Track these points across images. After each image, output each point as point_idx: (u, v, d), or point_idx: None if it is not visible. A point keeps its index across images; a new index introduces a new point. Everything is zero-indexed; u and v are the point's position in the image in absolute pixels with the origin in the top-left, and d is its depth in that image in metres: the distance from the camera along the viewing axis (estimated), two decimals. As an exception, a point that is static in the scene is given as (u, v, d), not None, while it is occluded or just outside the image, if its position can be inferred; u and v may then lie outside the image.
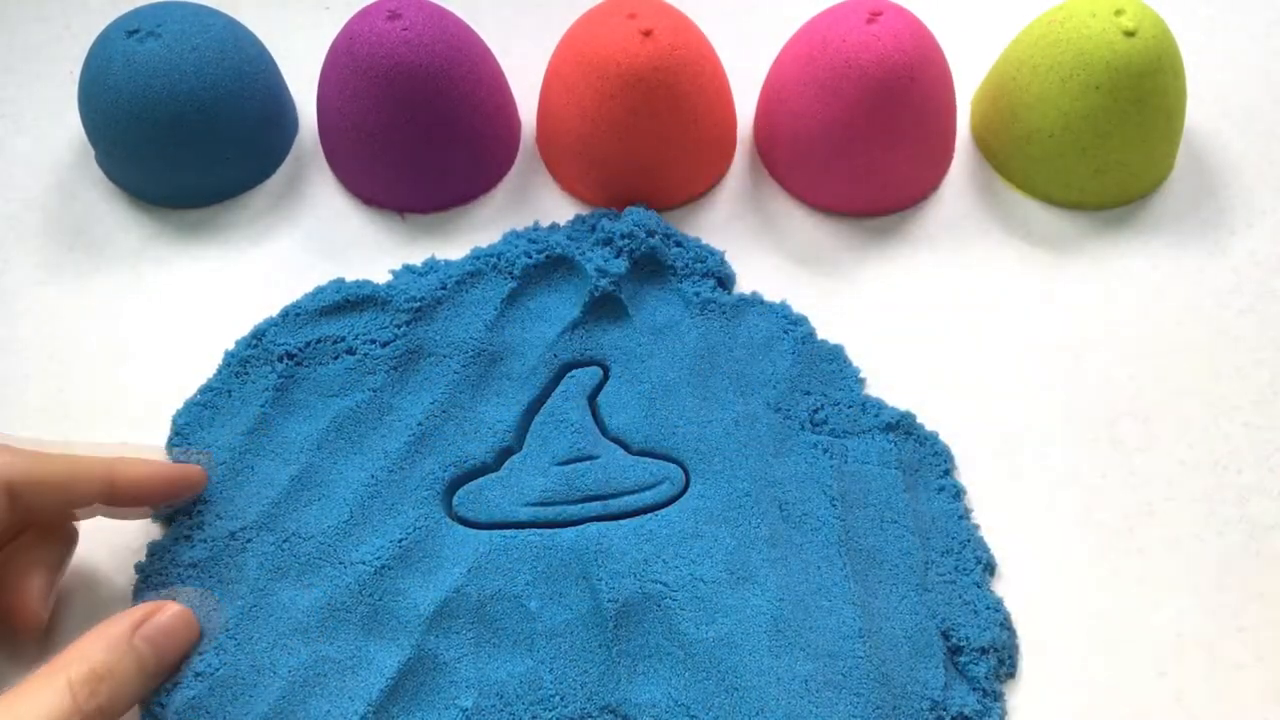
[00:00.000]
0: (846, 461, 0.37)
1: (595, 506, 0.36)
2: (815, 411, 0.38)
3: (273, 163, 0.45)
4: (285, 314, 0.40)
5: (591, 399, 0.38)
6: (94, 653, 0.30)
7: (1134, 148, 0.42)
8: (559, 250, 0.41)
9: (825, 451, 0.37)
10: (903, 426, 0.38)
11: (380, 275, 0.42)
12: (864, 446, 0.37)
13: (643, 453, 0.37)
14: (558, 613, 0.34)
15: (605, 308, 0.40)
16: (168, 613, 0.33)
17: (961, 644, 0.33)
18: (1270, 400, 0.39)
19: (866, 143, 0.41)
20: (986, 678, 0.33)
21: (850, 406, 0.38)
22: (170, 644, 0.33)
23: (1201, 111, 0.47)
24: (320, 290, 0.41)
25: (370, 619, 0.34)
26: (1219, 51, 0.49)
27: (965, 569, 0.35)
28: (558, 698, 0.32)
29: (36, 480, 0.32)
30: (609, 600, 0.33)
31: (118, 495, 0.34)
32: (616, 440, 0.37)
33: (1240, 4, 0.51)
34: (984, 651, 0.34)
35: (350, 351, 0.39)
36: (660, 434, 0.37)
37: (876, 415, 0.38)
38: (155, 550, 0.35)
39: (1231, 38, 0.50)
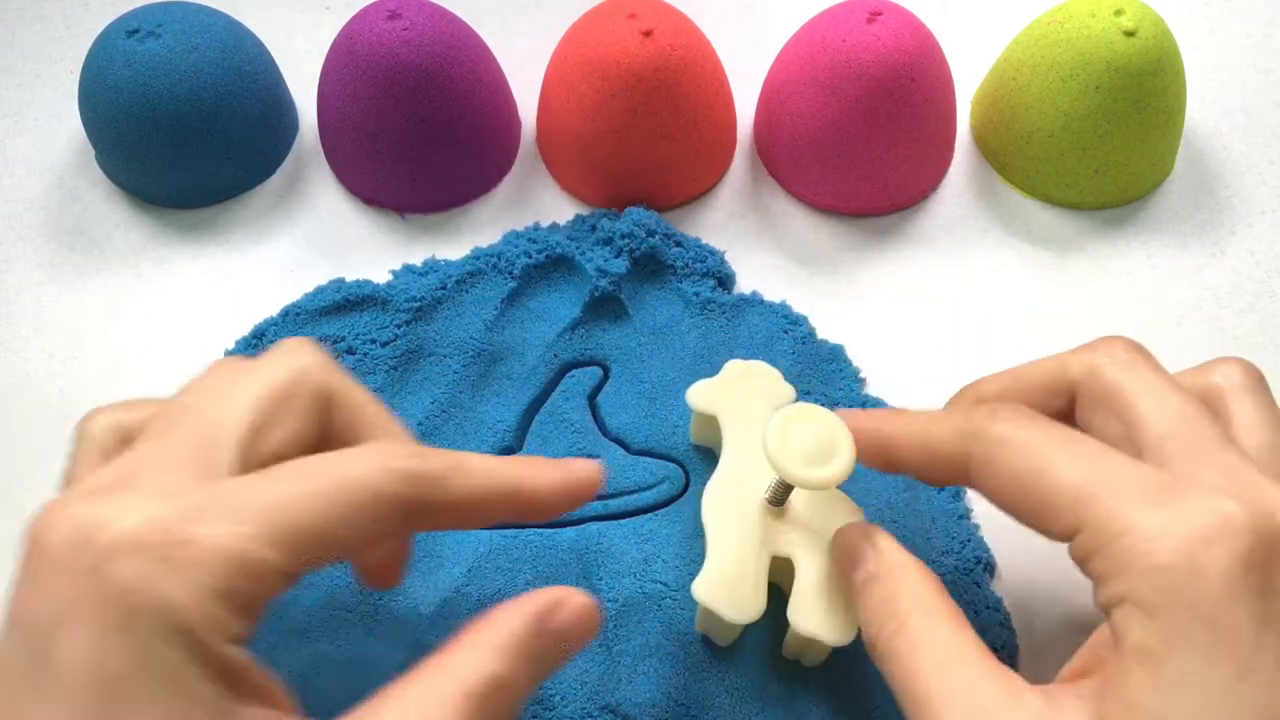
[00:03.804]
0: None
1: (595, 506, 0.36)
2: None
3: (273, 163, 0.45)
4: (285, 314, 0.40)
5: (592, 399, 0.38)
6: (495, 661, 0.24)
7: (1134, 148, 0.42)
8: (559, 250, 0.41)
9: None
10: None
11: (380, 275, 0.42)
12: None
13: (643, 452, 0.37)
14: (558, 613, 0.34)
15: (605, 307, 0.40)
16: (574, 609, 0.25)
17: (961, 644, 0.33)
18: (1270, 400, 0.39)
19: (866, 143, 0.41)
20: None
21: (851, 406, 0.38)
22: (574, 645, 0.26)
23: (1201, 111, 0.47)
24: (320, 290, 0.41)
25: (370, 619, 0.34)
26: (1219, 51, 0.49)
27: (965, 569, 0.35)
28: (558, 698, 0.32)
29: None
30: (609, 600, 0.33)
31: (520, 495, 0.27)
32: (617, 440, 0.37)
33: (1240, 4, 0.51)
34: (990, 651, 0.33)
35: (350, 351, 0.39)
36: (660, 434, 0.37)
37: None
38: (155, 550, 0.35)
39: (1231, 38, 0.50)
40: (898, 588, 0.27)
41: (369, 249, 0.43)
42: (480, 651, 0.24)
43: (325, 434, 0.27)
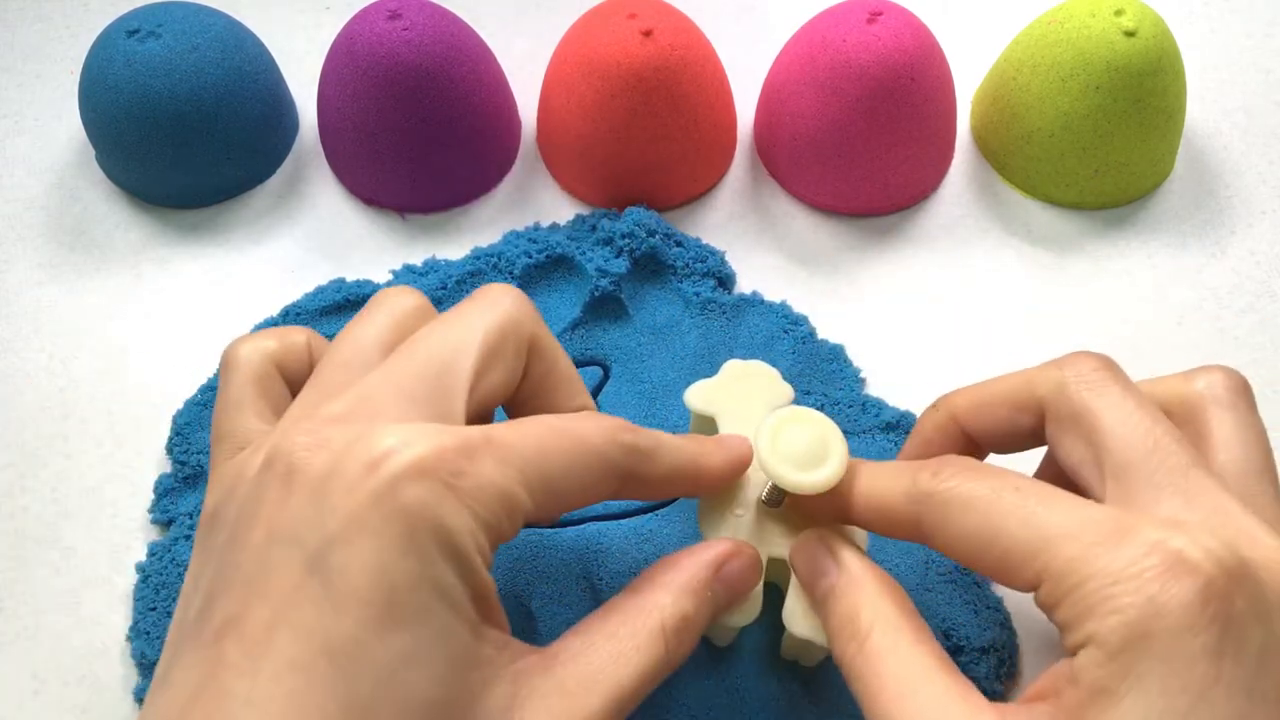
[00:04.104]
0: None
1: (595, 506, 0.36)
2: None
3: (273, 163, 0.45)
4: (285, 314, 0.40)
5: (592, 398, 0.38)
6: (685, 600, 0.27)
7: (1134, 148, 0.42)
8: (559, 250, 0.41)
9: None
10: (903, 426, 0.38)
11: (380, 275, 0.42)
12: (864, 446, 0.37)
13: (643, 452, 0.37)
14: (558, 613, 0.34)
15: (606, 307, 0.40)
16: (745, 560, 0.29)
17: (962, 644, 0.33)
18: (1270, 400, 0.39)
19: (866, 143, 0.41)
20: (987, 678, 0.33)
21: (851, 406, 0.38)
22: (740, 592, 0.29)
23: (1201, 111, 0.47)
24: (320, 290, 0.41)
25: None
26: (1219, 51, 0.49)
27: (965, 569, 0.35)
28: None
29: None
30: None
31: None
32: None
33: (1240, 4, 0.51)
34: (984, 651, 0.33)
35: (350, 351, 0.39)
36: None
37: (876, 415, 0.38)
38: (155, 550, 0.36)
39: (1231, 38, 0.50)
40: (859, 601, 0.27)
41: (369, 249, 0.43)
42: (673, 592, 0.27)
43: (523, 380, 0.28)
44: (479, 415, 0.27)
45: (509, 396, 0.29)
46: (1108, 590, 0.22)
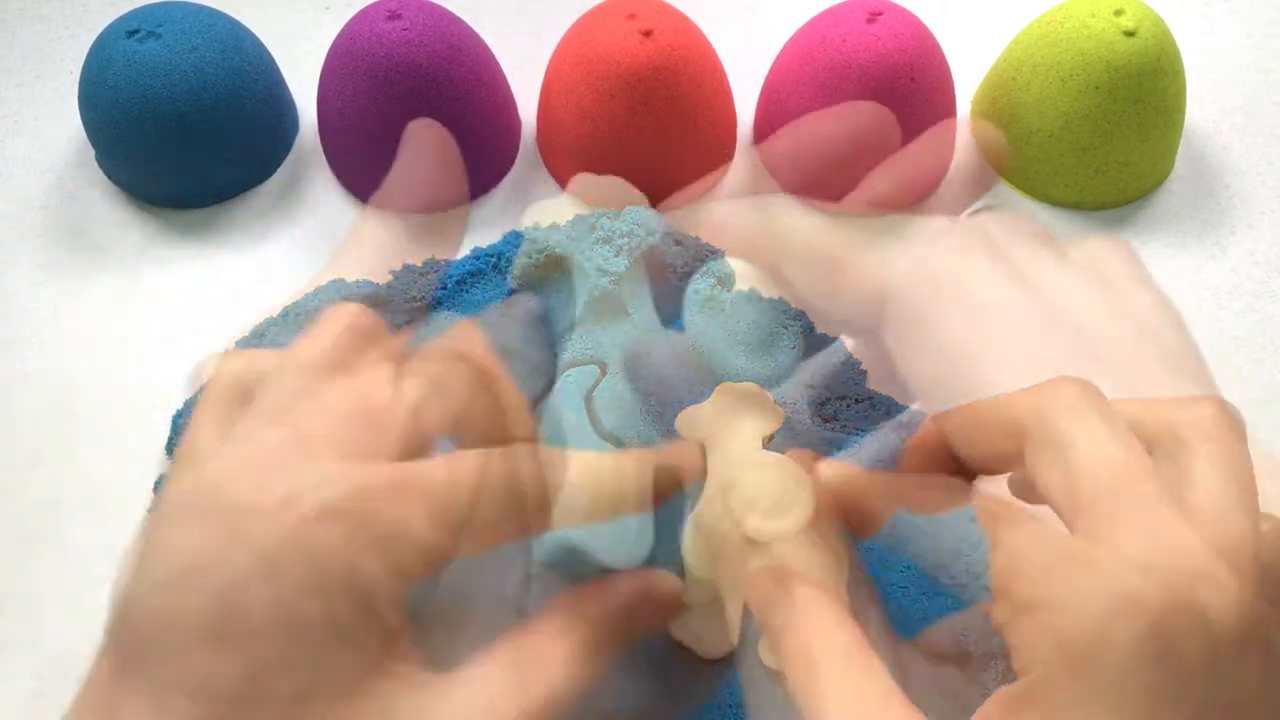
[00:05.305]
0: (861, 460, 0.37)
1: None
2: (821, 405, 0.38)
3: (273, 163, 0.45)
4: (285, 314, 0.40)
5: (588, 397, 0.38)
6: (592, 629, 0.28)
7: (1134, 148, 0.42)
8: (559, 250, 0.41)
9: (840, 449, 0.37)
10: (914, 425, 0.38)
11: (380, 275, 0.42)
12: (877, 444, 0.37)
13: (638, 451, 0.37)
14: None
15: (605, 307, 0.40)
16: (661, 594, 0.30)
17: (969, 649, 0.33)
18: (1269, 400, 0.39)
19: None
20: (995, 682, 0.33)
21: (860, 401, 0.38)
22: (655, 625, 0.30)
23: (1201, 111, 0.47)
24: (320, 290, 0.41)
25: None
26: (1219, 51, 0.49)
27: (975, 572, 0.35)
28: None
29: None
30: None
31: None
32: (611, 439, 0.37)
33: (1240, 4, 0.51)
34: (993, 657, 0.33)
35: (350, 351, 0.39)
36: (654, 431, 0.37)
37: (887, 412, 0.38)
38: (155, 550, 0.35)
39: (1231, 38, 0.50)
40: (809, 638, 0.27)
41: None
42: (583, 622, 0.28)
43: (474, 411, 0.29)
44: (418, 447, 0.27)
45: (453, 428, 0.29)
46: (1054, 619, 0.23)
